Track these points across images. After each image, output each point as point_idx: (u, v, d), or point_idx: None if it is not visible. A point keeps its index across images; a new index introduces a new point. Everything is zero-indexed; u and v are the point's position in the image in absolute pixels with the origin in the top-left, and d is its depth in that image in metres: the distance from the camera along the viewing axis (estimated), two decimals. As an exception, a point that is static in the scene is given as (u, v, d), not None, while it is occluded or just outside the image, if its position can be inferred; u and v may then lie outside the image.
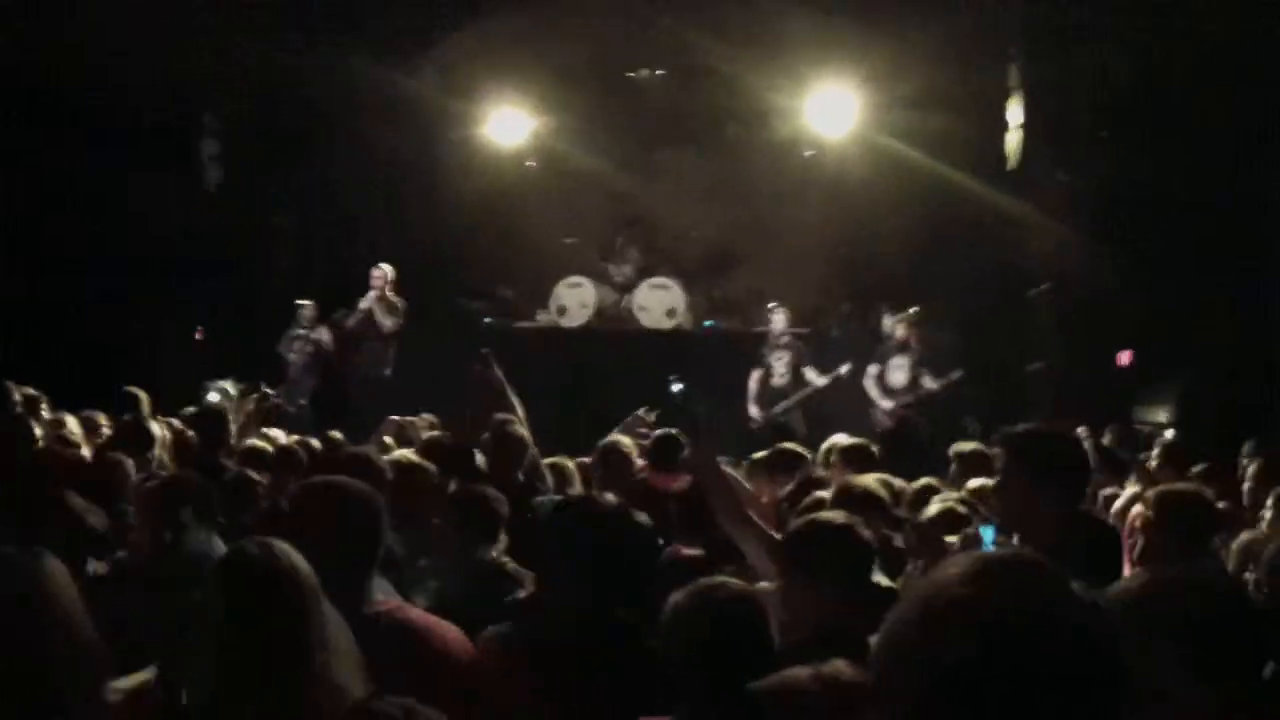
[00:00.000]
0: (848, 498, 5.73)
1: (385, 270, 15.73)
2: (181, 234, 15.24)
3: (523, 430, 7.98)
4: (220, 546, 5.44)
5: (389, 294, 15.72)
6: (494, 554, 5.88)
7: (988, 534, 4.98)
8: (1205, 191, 13.28)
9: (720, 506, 5.42)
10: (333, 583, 3.46)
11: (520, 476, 7.65)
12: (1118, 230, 14.02)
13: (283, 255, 17.02)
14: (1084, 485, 5.06)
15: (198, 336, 16.20)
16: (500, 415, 8.06)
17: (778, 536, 5.14)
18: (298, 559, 3.31)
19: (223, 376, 15.24)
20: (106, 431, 9.23)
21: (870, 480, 6.26)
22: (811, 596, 4.18)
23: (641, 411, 9.85)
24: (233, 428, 9.46)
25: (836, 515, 4.55)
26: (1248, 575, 5.19)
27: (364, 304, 15.68)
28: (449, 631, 4.24)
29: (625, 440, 8.54)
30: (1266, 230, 13.29)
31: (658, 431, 8.64)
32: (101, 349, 13.61)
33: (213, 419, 9.08)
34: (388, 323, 15.70)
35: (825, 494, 6.13)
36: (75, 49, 13.45)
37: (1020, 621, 1.78)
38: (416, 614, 4.29)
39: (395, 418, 10.16)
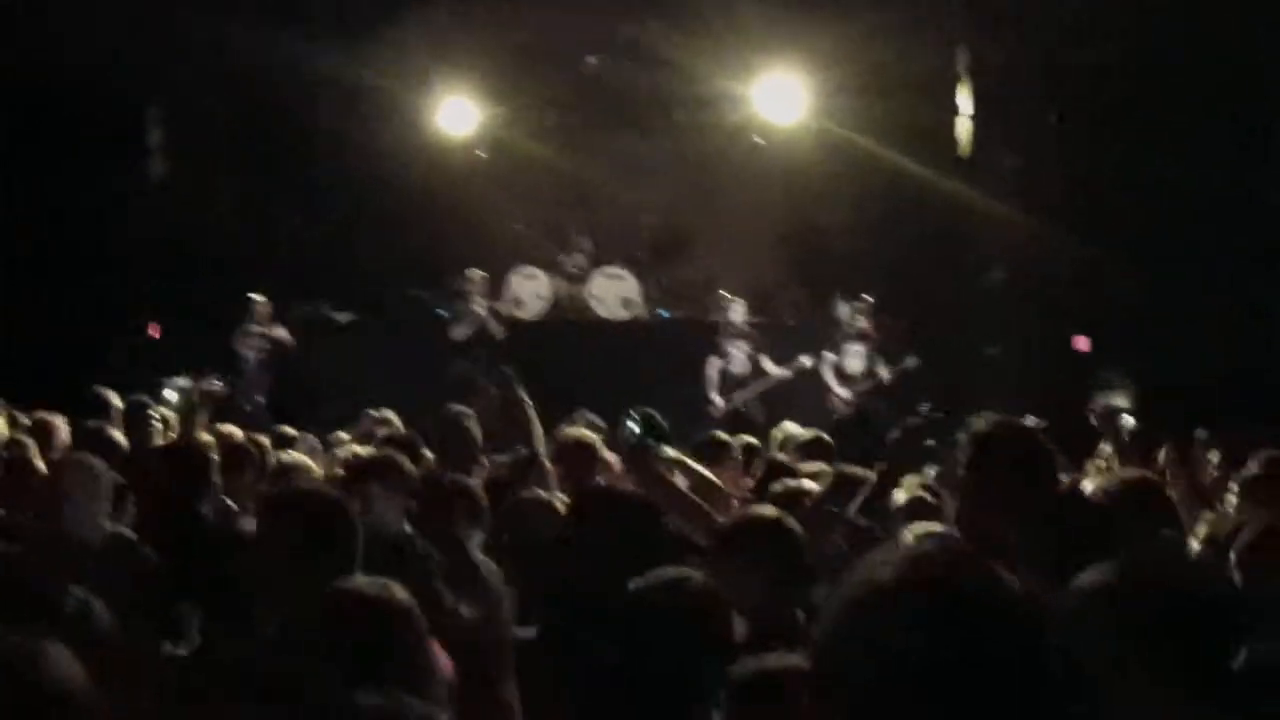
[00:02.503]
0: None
1: (482, 275, 15.80)
2: (129, 227, 15.10)
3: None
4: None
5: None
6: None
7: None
8: (1158, 174, 13.37)
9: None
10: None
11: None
12: (1071, 215, 14.09)
13: (231, 247, 16.83)
14: (1048, 478, 5.02)
15: (152, 333, 16.01)
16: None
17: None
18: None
19: (178, 373, 15.11)
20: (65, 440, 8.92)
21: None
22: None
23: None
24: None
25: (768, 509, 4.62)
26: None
27: (477, 309, 15.60)
28: None
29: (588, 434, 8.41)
30: (1222, 211, 13.39)
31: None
32: (52, 347, 13.48)
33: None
34: (500, 330, 15.71)
35: (796, 482, 6.13)
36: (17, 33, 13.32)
37: (961, 608, 1.82)
38: None
39: (372, 413, 10.05)
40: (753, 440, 9.16)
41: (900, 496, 6.11)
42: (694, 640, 3.63)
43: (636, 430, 6.15)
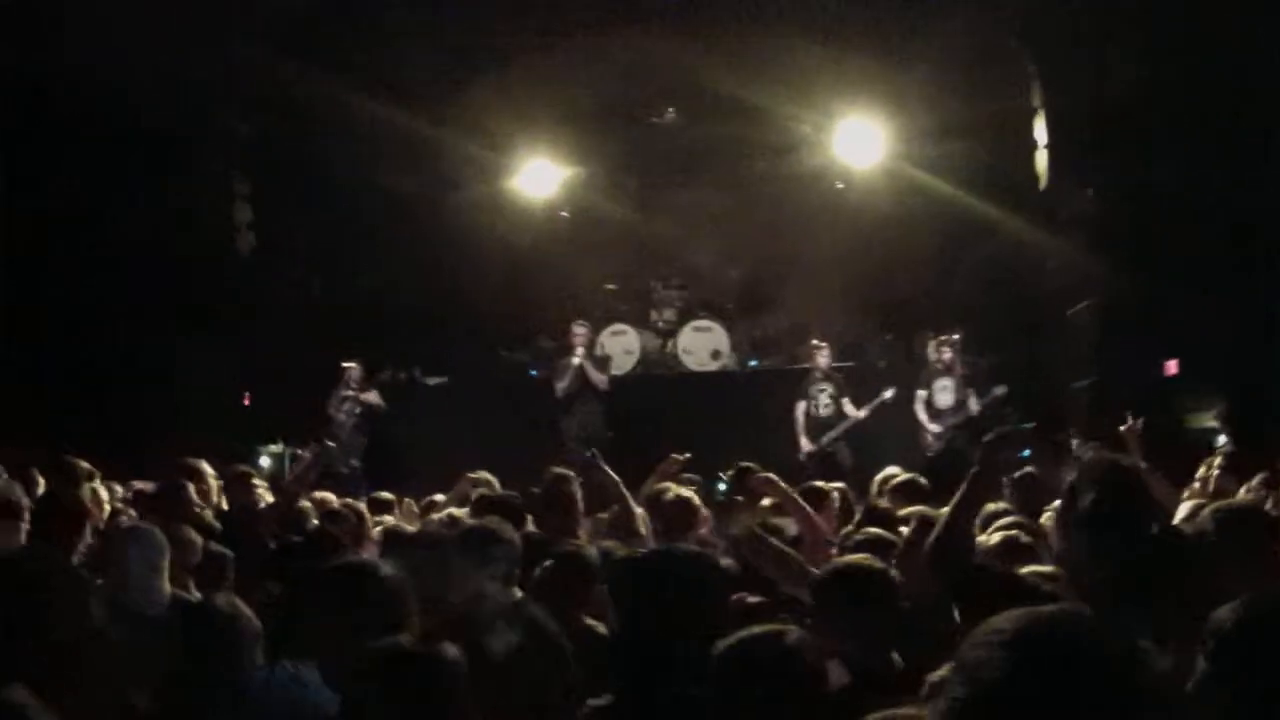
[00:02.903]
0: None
1: (587, 327, 15.88)
2: (220, 296, 15.28)
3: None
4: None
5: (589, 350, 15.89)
6: None
7: None
8: (1233, 198, 13.30)
9: None
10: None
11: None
12: (1150, 242, 14.02)
13: (322, 314, 16.99)
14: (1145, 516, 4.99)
15: (245, 402, 16.18)
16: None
17: None
18: None
19: (273, 440, 15.34)
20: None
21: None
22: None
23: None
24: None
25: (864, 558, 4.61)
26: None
27: (575, 360, 15.63)
28: None
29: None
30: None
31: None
32: (156, 416, 13.63)
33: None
34: (603, 379, 15.76)
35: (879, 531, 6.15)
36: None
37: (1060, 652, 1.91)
38: None
39: (471, 475, 10.09)
40: (842, 485, 9.14)
41: (993, 539, 6.08)
42: (786, 693, 3.63)
43: (723, 488, 6.19)
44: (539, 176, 17.50)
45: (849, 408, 14.96)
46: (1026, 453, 10.76)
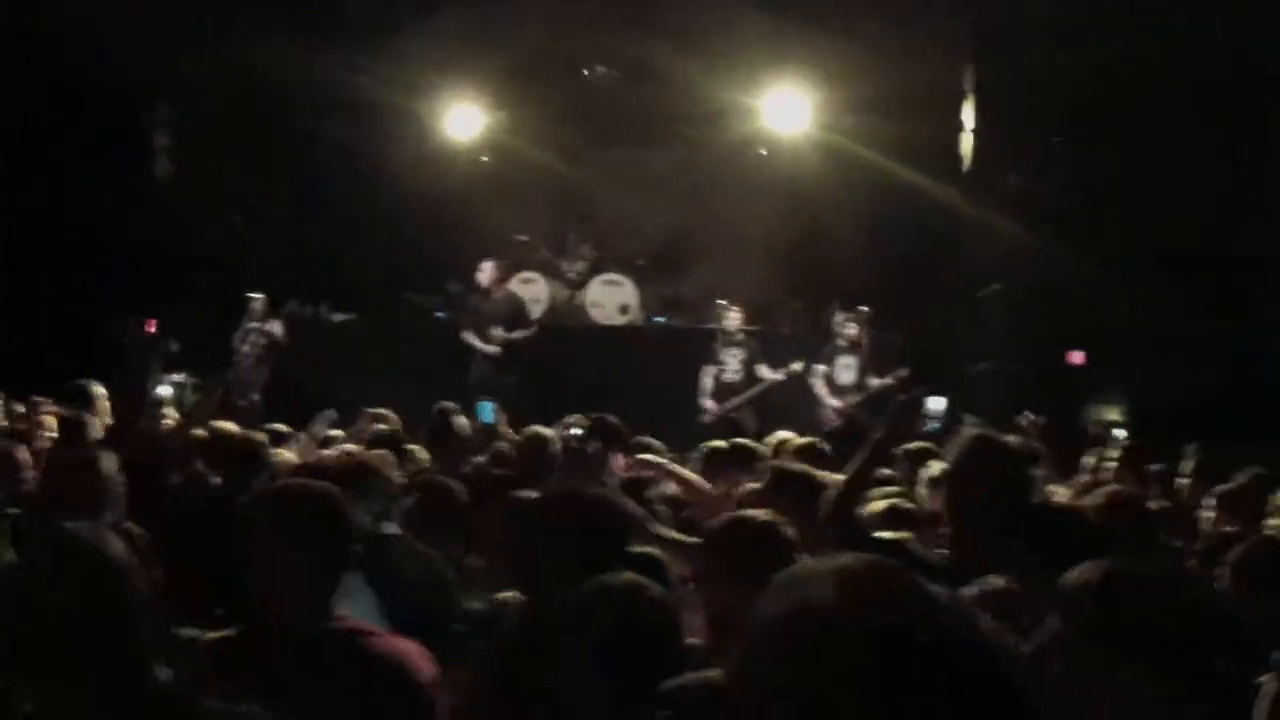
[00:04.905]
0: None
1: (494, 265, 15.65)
2: (131, 225, 15.15)
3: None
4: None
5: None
6: None
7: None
8: (1159, 192, 13.41)
9: None
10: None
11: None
12: (1070, 231, 14.13)
13: (233, 248, 16.85)
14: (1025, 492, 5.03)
15: (150, 330, 16.05)
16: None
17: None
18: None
19: (176, 370, 15.21)
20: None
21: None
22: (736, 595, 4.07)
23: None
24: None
25: (760, 513, 4.52)
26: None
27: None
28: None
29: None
30: (1222, 229, 13.42)
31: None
32: (51, 341, 13.52)
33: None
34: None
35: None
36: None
37: (902, 635, 1.71)
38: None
39: (371, 410, 10.04)
40: (747, 442, 9.10)
41: (878, 506, 6.11)
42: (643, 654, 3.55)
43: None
44: (462, 121, 17.39)
45: (764, 370, 14.95)
46: (938, 424, 10.85)
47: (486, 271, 15.41)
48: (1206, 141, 13.29)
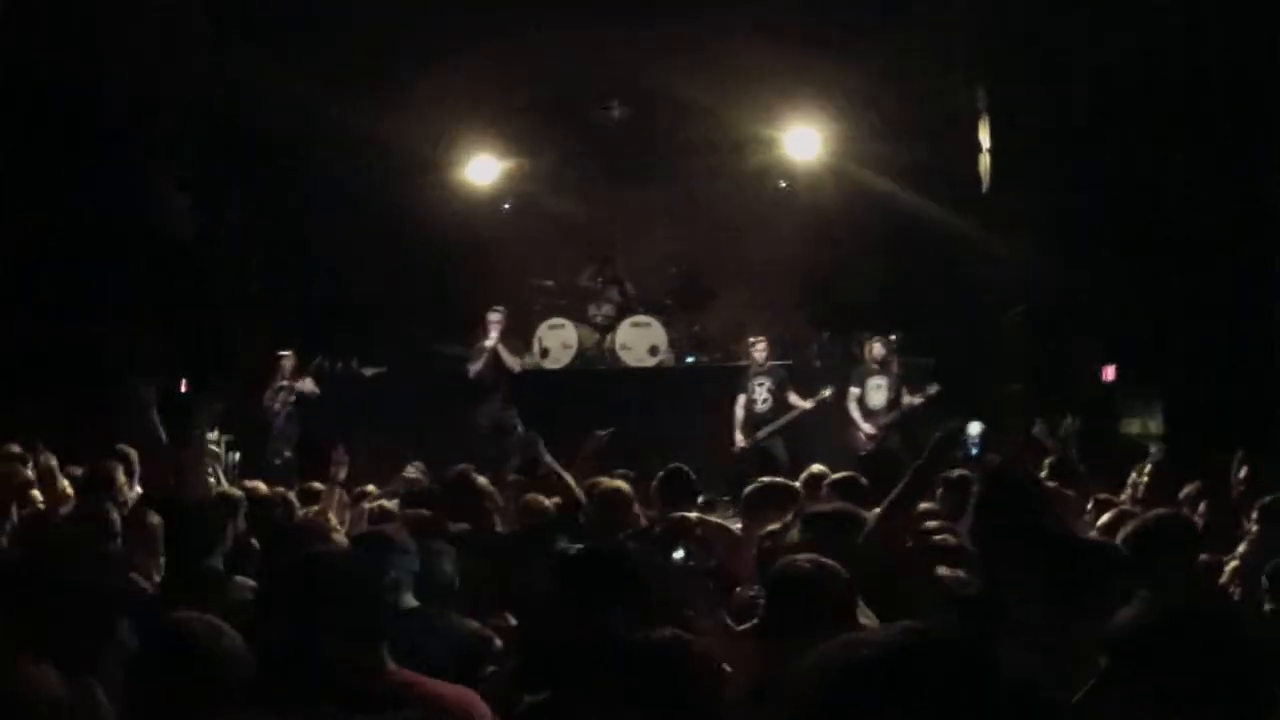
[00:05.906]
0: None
1: (502, 313, 15.78)
2: (160, 284, 15.16)
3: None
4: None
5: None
6: None
7: None
8: (1177, 207, 13.37)
9: None
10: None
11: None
12: (1091, 249, 14.07)
13: (261, 306, 16.82)
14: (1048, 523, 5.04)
15: (182, 389, 16.04)
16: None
17: None
18: None
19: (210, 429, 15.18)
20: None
21: None
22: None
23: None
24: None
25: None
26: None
27: (487, 344, 15.65)
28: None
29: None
30: (1241, 241, 13.36)
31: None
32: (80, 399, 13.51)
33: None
34: (516, 364, 15.82)
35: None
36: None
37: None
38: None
39: (411, 466, 10.02)
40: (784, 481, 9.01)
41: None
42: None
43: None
44: (484, 168, 17.43)
45: (794, 398, 14.94)
46: (974, 451, 10.81)
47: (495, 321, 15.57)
48: (1227, 151, 13.23)
